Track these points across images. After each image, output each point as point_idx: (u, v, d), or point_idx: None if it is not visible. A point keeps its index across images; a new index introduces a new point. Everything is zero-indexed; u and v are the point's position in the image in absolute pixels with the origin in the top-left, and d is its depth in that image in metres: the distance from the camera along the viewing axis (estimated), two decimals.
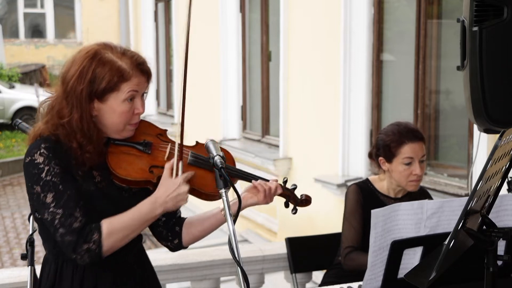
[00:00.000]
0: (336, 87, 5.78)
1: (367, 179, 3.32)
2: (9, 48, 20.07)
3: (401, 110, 5.45)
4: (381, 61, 5.57)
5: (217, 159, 2.00)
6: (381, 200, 3.22)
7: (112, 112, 2.19)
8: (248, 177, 2.38)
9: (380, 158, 3.20)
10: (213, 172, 2.17)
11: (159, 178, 2.21)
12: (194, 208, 6.79)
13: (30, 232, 2.64)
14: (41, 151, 2.14)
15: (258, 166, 7.10)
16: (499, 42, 2.60)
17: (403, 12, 5.55)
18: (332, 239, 3.49)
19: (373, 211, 2.21)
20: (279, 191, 2.40)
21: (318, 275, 4.11)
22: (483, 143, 4.08)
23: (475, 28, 2.59)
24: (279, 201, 2.50)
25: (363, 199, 3.20)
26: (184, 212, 2.46)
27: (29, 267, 2.61)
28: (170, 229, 2.40)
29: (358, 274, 2.87)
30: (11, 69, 18.30)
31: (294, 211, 2.51)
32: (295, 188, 2.52)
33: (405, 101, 5.33)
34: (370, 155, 3.32)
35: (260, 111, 7.77)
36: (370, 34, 5.51)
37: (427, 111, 5.17)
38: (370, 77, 5.57)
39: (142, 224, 2.19)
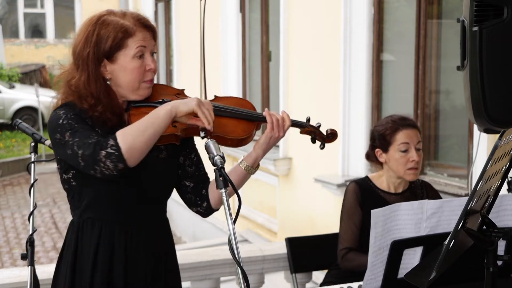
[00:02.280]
0: (336, 87, 5.78)
1: (366, 177, 3.31)
2: (9, 48, 20.08)
3: (401, 110, 5.44)
4: (381, 61, 5.57)
5: (217, 159, 2.00)
6: (381, 197, 3.20)
7: (124, 70, 2.25)
8: (256, 115, 2.43)
9: (377, 149, 3.20)
10: (236, 118, 2.36)
11: (182, 131, 2.28)
12: None
13: (30, 232, 2.65)
14: (62, 108, 2.23)
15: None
16: (499, 42, 2.60)
17: (403, 12, 5.55)
18: (332, 239, 3.49)
19: (373, 211, 2.21)
20: (288, 122, 2.44)
21: (318, 275, 4.12)
22: (483, 143, 4.08)
23: (475, 28, 2.59)
24: (279, 200, 2.50)
25: (363, 197, 3.19)
26: (185, 213, 2.46)
27: (29, 267, 2.62)
28: (198, 194, 2.43)
29: (359, 274, 2.88)
30: (11, 69, 18.30)
31: (322, 146, 2.56)
32: (319, 126, 2.57)
33: (405, 101, 5.33)
34: (368, 156, 3.32)
35: (260, 111, 7.76)
36: (370, 34, 5.51)
37: (427, 111, 5.17)
38: (370, 77, 5.57)
39: (154, 122, 2.15)
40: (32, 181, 2.72)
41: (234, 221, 1.95)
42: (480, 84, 2.61)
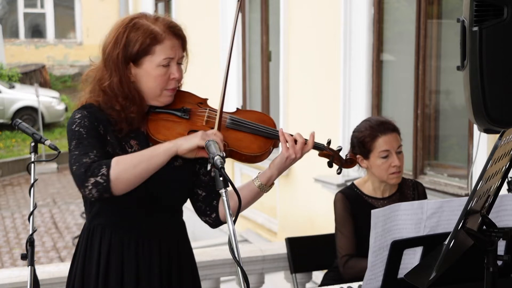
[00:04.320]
0: (336, 87, 5.78)
1: (352, 184, 3.26)
2: (9, 48, 20.07)
3: (401, 110, 5.44)
4: (381, 61, 5.56)
5: (217, 159, 1.99)
6: (369, 203, 3.17)
7: (148, 76, 2.25)
8: (274, 133, 2.38)
9: (358, 156, 3.14)
10: (253, 134, 2.33)
11: None
12: None
13: (30, 232, 2.64)
14: (81, 111, 2.24)
15: (258, 166, 7.09)
16: (499, 42, 2.60)
17: (403, 12, 5.55)
18: (332, 239, 3.48)
19: (373, 211, 2.21)
20: (310, 146, 2.37)
21: (318, 275, 4.12)
22: (483, 143, 4.08)
23: (475, 28, 2.59)
24: (279, 200, 2.50)
25: (351, 205, 3.15)
26: (185, 212, 2.46)
27: (29, 267, 2.61)
28: (208, 204, 2.42)
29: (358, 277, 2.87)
30: (11, 69, 18.29)
31: (339, 170, 2.54)
32: (340, 150, 2.52)
33: (405, 101, 5.33)
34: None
35: (260, 111, 7.77)
36: (370, 34, 5.51)
37: (427, 111, 5.16)
38: (370, 77, 5.57)
39: (150, 157, 2.14)
40: (32, 181, 2.71)
41: (234, 221, 1.95)
42: (480, 84, 2.61)
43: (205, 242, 7.14)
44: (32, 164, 2.73)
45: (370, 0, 5.48)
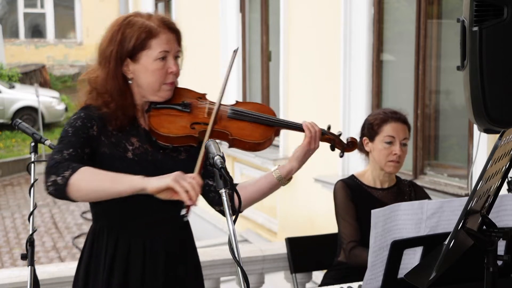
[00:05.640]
0: (336, 87, 5.78)
1: (352, 175, 3.35)
2: (9, 48, 20.08)
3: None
4: (381, 61, 5.57)
5: (217, 159, 1.99)
6: (368, 193, 3.25)
7: (145, 71, 2.27)
8: (292, 124, 2.50)
9: (364, 138, 3.26)
10: (255, 123, 2.40)
11: (201, 133, 2.31)
12: (201, 212, 6.78)
13: (30, 232, 2.65)
14: (79, 112, 2.26)
15: (258, 166, 7.11)
16: (499, 42, 2.60)
17: (403, 12, 5.55)
18: (332, 239, 3.49)
19: (373, 211, 2.21)
20: (319, 133, 2.48)
21: (318, 275, 4.11)
22: (483, 143, 4.08)
23: (475, 28, 2.59)
24: (279, 200, 2.50)
25: (352, 193, 3.22)
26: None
27: (29, 267, 2.62)
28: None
29: (358, 274, 2.87)
30: (11, 69, 18.29)
31: (342, 154, 2.61)
32: (340, 134, 2.60)
33: (405, 101, 5.33)
34: (359, 146, 3.33)
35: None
36: (370, 34, 5.51)
37: (427, 111, 5.17)
38: (370, 77, 5.57)
39: (115, 181, 2.08)
40: (32, 181, 2.71)
41: (234, 221, 1.95)
42: (480, 84, 2.61)
43: (205, 242, 7.13)
44: (32, 164, 2.73)
45: (370, 0, 5.48)
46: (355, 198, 3.21)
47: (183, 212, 2.13)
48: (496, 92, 2.63)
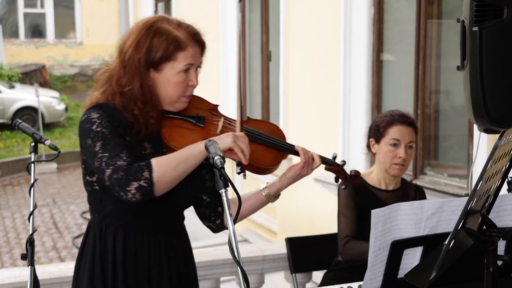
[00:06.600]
0: (336, 87, 5.79)
1: None
2: (9, 48, 20.07)
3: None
4: (381, 61, 5.57)
5: (217, 159, 1.99)
6: (373, 193, 3.26)
7: (167, 82, 2.24)
8: (287, 147, 2.43)
9: (371, 139, 3.28)
10: (265, 146, 2.35)
11: None
12: None
13: (30, 232, 2.64)
14: (98, 110, 2.20)
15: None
16: (499, 42, 2.60)
17: (403, 12, 5.55)
18: (332, 239, 3.49)
19: (373, 211, 2.21)
20: (318, 162, 2.45)
21: (318, 275, 4.11)
22: (483, 143, 4.08)
23: (475, 28, 2.59)
24: (279, 200, 2.50)
25: (356, 193, 3.24)
26: (186, 214, 2.46)
27: (29, 267, 2.61)
28: (213, 210, 2.44)
29: (358, 274, 2.87)
30: (11, 69, 18.29)
31: (344, 186, 2.64)
32: (343, 164, 2.59)
33: (405, 101, 5.33)
34: (367, 146, 3.34)
35: (260, 111, 7.77)
36: (370, 34, 5.51)
37: (427, 111, 5.17)
38: (370, 77, 5.57)
39: (187, 158, 2.14)
40: (32, 181, 2.71)
41: (234, 221, 1.95)
42: (480, 84, 2.61)
43: (205, 242, 7.13)
44: (32, 164, 2.73)
45: (370, 0, 5.48)
46: (358, 197, 3.23)
47: (238, 170, 2.22)
48: (496, 92, 2.63)
